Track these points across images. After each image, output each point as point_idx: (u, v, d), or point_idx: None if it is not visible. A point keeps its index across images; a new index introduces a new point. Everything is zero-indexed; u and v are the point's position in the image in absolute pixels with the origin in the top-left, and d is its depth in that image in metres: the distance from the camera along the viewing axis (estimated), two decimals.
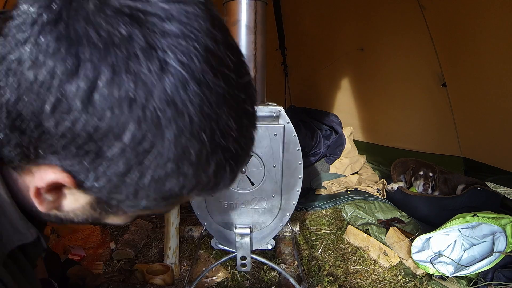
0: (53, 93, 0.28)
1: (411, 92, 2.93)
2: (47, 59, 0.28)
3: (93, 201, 0.38)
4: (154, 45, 0.28)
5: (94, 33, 0.27)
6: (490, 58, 2.15)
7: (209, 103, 0.30)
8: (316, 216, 2.45)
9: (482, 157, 2.55)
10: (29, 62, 0.28)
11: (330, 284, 1.65)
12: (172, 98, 0.29)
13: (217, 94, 0.31)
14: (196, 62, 0.29)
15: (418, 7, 2.45)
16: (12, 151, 0.34)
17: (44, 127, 0.30)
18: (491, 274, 1.66)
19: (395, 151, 3.15)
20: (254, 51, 1.38)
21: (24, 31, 0.29)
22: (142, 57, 0.28)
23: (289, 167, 1.43)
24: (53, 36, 0.28)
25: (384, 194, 2.65)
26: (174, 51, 0.28)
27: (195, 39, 0.29)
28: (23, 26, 0.29)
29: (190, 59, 0.29)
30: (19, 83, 0.29)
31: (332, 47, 3.50)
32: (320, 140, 3.14)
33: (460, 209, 2.13)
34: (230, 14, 1.37)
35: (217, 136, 0.32)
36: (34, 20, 0.28)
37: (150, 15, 0.28)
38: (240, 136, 0.34)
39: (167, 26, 0.28)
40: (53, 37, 0.28)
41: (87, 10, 0.27)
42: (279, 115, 1.37)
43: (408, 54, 2.80)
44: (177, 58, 0.28)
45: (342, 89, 3.60)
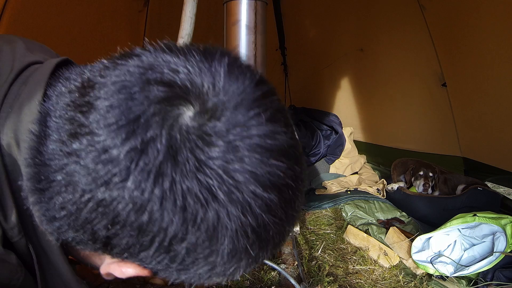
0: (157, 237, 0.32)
1: (411, 92, 2.93)
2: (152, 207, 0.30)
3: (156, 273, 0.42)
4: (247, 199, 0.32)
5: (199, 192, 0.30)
6: (490, 58, 2.15)
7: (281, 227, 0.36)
8: (316, 216, 2.45)
9: (482, 157, 2.55)
10: (129, 206, 0.30)
11: (330, 284, 1.65)
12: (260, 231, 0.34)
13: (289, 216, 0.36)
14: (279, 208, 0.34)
15: (418, 7, 2.45)
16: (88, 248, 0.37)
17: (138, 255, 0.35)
18: (491, 274, 1.66)
19: (395, 151, 3.15)
20: (254, 51, 1.38)
21: (115, 173, 0.30)
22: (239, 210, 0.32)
23: None
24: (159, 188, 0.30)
25: (384, 194, 2.65)
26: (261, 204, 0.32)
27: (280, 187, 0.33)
28: (111, 165, 0.30)
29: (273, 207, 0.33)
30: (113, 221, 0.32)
31: (332, 47, 3.50)
32: (320, 140, 3.14)
33: (460, 209, 2.13)
34: (230, 14, 1.37)
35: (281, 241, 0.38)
36: (127, 165, 0.30)
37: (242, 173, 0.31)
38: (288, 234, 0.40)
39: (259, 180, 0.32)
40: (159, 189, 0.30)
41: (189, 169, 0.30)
42: None
43: (408, 54, 2.80)
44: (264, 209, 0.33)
45: (342, 89, 3.60)
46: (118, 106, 0.30)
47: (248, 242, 0.34)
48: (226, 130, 0.30)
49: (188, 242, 0.32)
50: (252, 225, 0.33)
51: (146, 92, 0.30)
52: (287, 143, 0.34)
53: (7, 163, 0.39)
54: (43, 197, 0.35)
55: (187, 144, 0.30)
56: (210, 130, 0.30)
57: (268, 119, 0.32)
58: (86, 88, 0.34)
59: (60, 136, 0.33)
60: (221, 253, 0.34)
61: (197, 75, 0.32)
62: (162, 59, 0.33)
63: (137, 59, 0.33)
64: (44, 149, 0.34)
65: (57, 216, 0.35)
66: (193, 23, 1.24)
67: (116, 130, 0.30)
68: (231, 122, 0.31)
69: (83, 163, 0.31)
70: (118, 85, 0.31)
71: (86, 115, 0.31)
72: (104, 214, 0.32)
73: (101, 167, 0.30)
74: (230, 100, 0.32)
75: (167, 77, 0.31)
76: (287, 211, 0.35)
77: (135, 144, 0.29)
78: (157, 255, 0.34)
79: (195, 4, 1.41)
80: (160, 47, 0.35)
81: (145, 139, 0.29)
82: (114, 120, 0.30)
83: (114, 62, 0.34)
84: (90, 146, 0.30)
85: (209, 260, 0.35)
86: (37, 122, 0.37)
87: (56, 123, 0.34)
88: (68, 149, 0.32)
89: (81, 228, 0.34)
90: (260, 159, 0.31)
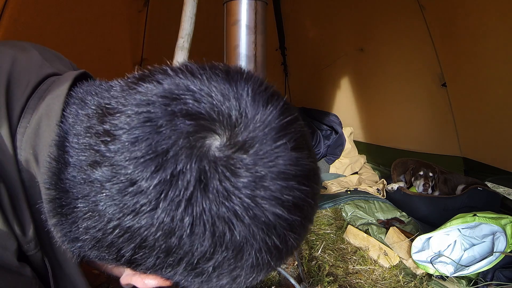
0: (185, 258, 0.33)
1: (411, 92, 2.93)
2: (181, 233, 0.32)
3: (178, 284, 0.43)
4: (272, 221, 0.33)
5: (226, 216, 0.32)
6: (490, 58, 2.15)
7: (300, 241, 0.38)
8: (316, 216, 2.45)
9: (482, 157, 2.55)
10: (159, 232, 0.31)
11: (330, 284, 1.65)
12: (282, 248, 0.36)
13: (307, 229, 0.39)
14: (301, 227, 0.36)
15: (418, 7, 2.45)
16: (110, 263, 0.38)
17: (162, 271, 0.36)
18: (491, 274, 1.66)
19: (395, 151, 3.15)
20: (254, 51, 1.38)
21: (144, 204, 0.31)
22: (265, 232, 0.33)
23: None
24: (188, 217, 0.31)
25: (384, 194, 2.65)
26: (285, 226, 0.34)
27: (302, 208, 0.35)
28: (139, 196, 0.31)
29: (296, 227, 0.35)
30: (140, 245, 0.33)
31: (332, 47, 3.50)
32: (320, 140, 3.14)
33: (460, 209, 2.13)
34: (230, 14, 1.37)
35: (296, 248, 0.40)
36: (157, 196, 0.30)
37: (267, 200, 0.32)
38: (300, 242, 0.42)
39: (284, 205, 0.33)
40: (188, 218, 0.31)
41: (218, 197, 0.31)
42: None
43: (408, 54, 2.80)
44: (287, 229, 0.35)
45: (342, 89, 3.60)
46: (144, 140, 0.31)
47: (271, 257, 0.36)
48: (253, 163, 0.32)
49: (215, 261, 0.34)
50: (275, 244, 0.35)
51: (173, 126, 0.31)
52: (309, 167, 0.35)
53: (25, 179, 0.39)
54: (66, 220, 0.35)
55: (216, 175, 0.31)
56: (238, 162, 0.31)
57: (293, 148, 0.34)
58: (106, 116, 0.34)
59: (80, 163, 0.34)
60: (245, 268, 0.36)
61: (222, 104, 0.33)
62: (185, 86, 0.33)
63: (158, 86, 0.33)
64: (64, 176, 0.35)
65: (80, 238, 0.35)
66: (193, 23, 1.25)
67: (143, 163, 0.30)
68: (258, 155, 0.32)
69: (108, 194, 0.31)
70: (142, 117, 0.31)
71: (108, 145, 0.32)
72: (131, 239, 0.32)
73: (129, 198, 0.31)
74: (258, 133, 0.33)
75: (192, 109, 0.32)
76: (306, 226, 0.38)
77: (165, 176, 0.30)
78: (183, 273, 0.35)
79: (195, 4, 1.41)
80: (181, 70, 0.35)
81: (175, 172, 0.30)
82: (140, 153, 0.30)
83: (133, 88, 0.34)
84: (114, 178, 0.31)
85: (233, 274, 0.36)
86: (55, 146, 0.37)
87: (75, 150, 0.34)
88: (90, 178, 0.32)
89: (106, 249, 0.35)
90: (285, 185, 0.33)
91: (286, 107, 0.36)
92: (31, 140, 0.39)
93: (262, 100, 0.34)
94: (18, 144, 0.39)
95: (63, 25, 2.02)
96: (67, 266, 0.42)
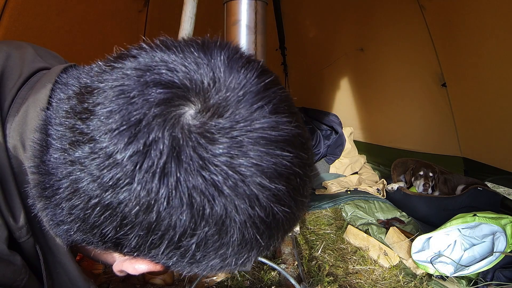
0: (167, 234, 0.32)
1: (411, 92, 2.93)
2: (159, 206, 0.31)
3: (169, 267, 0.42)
4: (254, 197, 0.32)
5: (205, 189, 0.31)
6: (490, 58, 2.15)
7: (291, 214, 0.36)
8: (316, 216, 2.45)
9: (482, 157, 2.54)
10: (136, 207, 0.31)
11: (330, 284, 1.65)
12: (269, 221, 0.34)
13: (298, 202, 0.36)
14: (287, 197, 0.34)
15: (418, 7, 2.45)
16: (99, 248, 0.38)
17: (149, 252, 0.35)
18: (491, 274, 1.66)
19: (395, 151, 3.15)
20: (255, 51, 1.38)
21: (120, 177, 0.30)
22: (247, 203, 0.32)
23: None
24: (165, 188, 0.30)
25: (384, 194, 2.65)
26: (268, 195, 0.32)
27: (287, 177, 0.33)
28: (116, 169, 0.30)
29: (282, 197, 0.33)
30: (121, 223, 0.32)
31: (332, 47, 3.50)
32: (320, 140, 3.14)
33: (460, 209, 2.13)
34: (230, 14, 1.37)
35: (291, 227, 0.38)
36: (132, 168, 0.30)
37: (247, 167, 0.31)
38: (298, 219, 0.40)
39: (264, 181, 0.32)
40: (164, 189, 0.30)
41: (194, 167, 0.30)
42: None
43: (408, 54, 2.80)
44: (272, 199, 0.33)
45: (342, 89, 3.60)
46: (118, 111, 0.30)
47: (258, 233, 0.34)
48: (229, 127, 0.31)
49: (197, 237, 0.33)
50: (260, 216, 0.33)
51: (145, 95, 0.30)
52: (292, 132, 0.33)
53: (14, 165, 0.40)
54: (50, 203, 0.35)
55: (190, 143, 0.30)
56: (213, 128, 0.30)
57: (271, 111, 0.32)
58: (85, 95, 0.34)
59: (62, 145, 0.33)
60: (231, 245, 0.34)
61: (196, 72, 0.32)
62: (159, 58, 0.33)
63: (133, 61, 0.33)
64: (47, 158, 0.35)
65: (65, 220, 0.35)
66: (193, 23, 1.25)
67: (118, 135, 0.30)
68: (234, 119, 0.31)
69: (87, 171, 0.31)
70: (116, 90, 0.31)
71: (86, 122, 0.32)
72: (112, 217, 0.32)
73: (106, 173, 0.30)
74: (232, 96, 0.32)
75: (165, 78, 0.31)
76: (296, 198, 0.35)
77: (138, 147, 0.29)
78: (167, 252, 0.34)
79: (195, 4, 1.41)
80: (156, 45, 0.35)
81: (148, 141, 0.29)
82: (115, 125, 0.30)
83: (110, 65, 0.34)
84: (93, 154, 0.31)
85: (220, 252, 0.35)
86: (38, 131, 0.37)
87: (57, 131, 0.35)
88: (71, 158, 0.32)
89: (90, 231, 0.34)
90: (265, 151, 0.31)
91: (263, 70, 0.35)
92: (18, 127, 0.40)
93: (237, 65, 0.33)
94: (7, 132, 0.40)
95: (63, 25, 2.02)
96: (58, 252, 0.42)
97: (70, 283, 0.45)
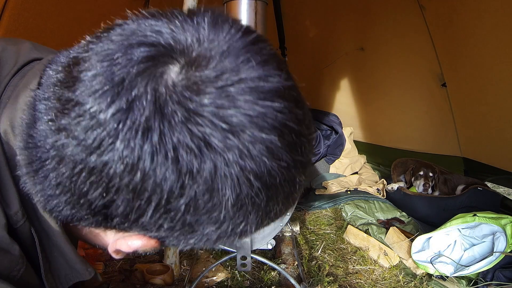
0: (153, 197, 0.31)
1: (411, 92, 2.93)
2: (144, 165, 0.30)
3: (164, 242, 0.41)
4: (248, 152, 0.31)
5: (191, 143, 0.29)
6: (490, 58, 2.15)
7: (288, 172, 0.34)
8: (316, 216, 2.45)
9: (482, 157, 2.55)
10: (121, 168, 0.30)
11: (330, 284, 1.65)
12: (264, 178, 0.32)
13: (296, 162, 0.34)
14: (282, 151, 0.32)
15: (418, 7, 2.45)
16: (89, 225, 0.37)
17: (138, 221, 0.34)
18: (491, 274, 1.66)
19: (395, 151, 3.15)
20: None
21: (104, 137, 0.29)
22: (238, 163, 0.31)
23: None
24: (148, 144, 0.29)
25: (384, 194, 2.65)
26: (260, 148, 0.31)
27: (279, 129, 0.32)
28: (99, 130, 0.29)
29: (275, 150, 0.32)
30: (107, 187, 0.31)
31: (332, 47, 3.50)
32: (320, 140, 3.14)
33: (460, 209, 2.13)
34: (230, 14, 1.36)
35: (292, 191, 0.36)
36: (115, 126, 0.29)
37: (243, 126, 0.30)
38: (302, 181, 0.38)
39: (257, 132, 0.31)
40: (148, 145, 0.29)
41: (178, 120, 0.29)
42: None
43: (408, 54, 2.80)
44: (264, 153, 0.31)
45: (342, 89, 3.60)
46: (102, 74, 0.30)
47: (253, 191, 0.32)
48: (215, 76, 0.30)
49: (186, 197, 0.31)
50: (253, 171, 0.31)
51: (128, 55, 0.30)
52: (283, 85, 0.32)
53: (6, 150, 0.40)
54: (38, 177, 0.35)
55: (174, 96, 0.29)
56: (198, 79, 0.30)
57: (258, 63, 0.31)
58: (72, 66, 0.33)
59: (49, 116, 0.33)
60: (224, 205, 0.32)
61: (181, 33, 0.32)
62: (145, 24, 0.32)
63: (119, 29, 0.33)
64: (34, 132, 0.34)
65: (53, 194, 0.34)
66: None
67: (102, 95, 0.29)
68: (219, 69, 0.30)
69: (72, 135, 0.31)
70: (101, 54, 0.31)
71: (72, 89, 0.31)
72: (98, 182, 0.31)
73: (90, 135, 0.30)
74: (216, 48, 0.31)
75: (150, 39, 0.31)
76: (293, 156, 0.33)
77: (121, 105, 0.29)
78: (157, 217, 0.33)
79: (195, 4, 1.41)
80: (143, 14, 0.35)
81: (130, 98, 0.29)
82: (99, 86, 0.30)
83: (97, 36, 0.34)
84: (78, 117, 0.30)
85: (213, 215, 0.33)
86: (27, 108, 0.37)
87: (45, 105, 0.34)
88: (58, 125, 0.32)
89: (78, 201, 0.33)
90: (254, 101, 0.30)
91: (248, 29, 0.34)
92: (9, 112, 0.40)
93: (222, 24, 0.33)
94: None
95: (63, 25, 2.02)
96: (53, 235, 0.42)
97: (68, 266, 0.44)
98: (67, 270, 0.44)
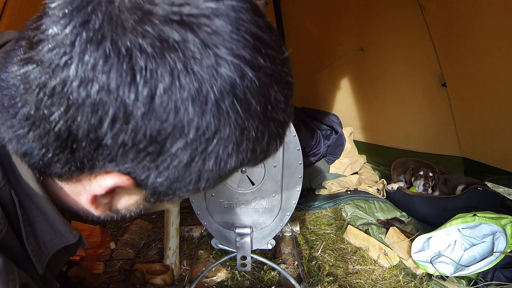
0: (110, 107, 0.30)
1: (411, 92, 2.93)
2: (98, 75, 0.29)
3: (148, 195, 0.39)
4: (208, 43, 0.29)
5: (144, 43, 0.28)
6: (490, 58, 2.15)
7: (262, 85, 0.32)
8: (316, 216, 2.45)
9: (482, 157, 2.55)
10: (77, 81, 0.29)
11: (330, 284, 1.65)
12: (231, 88, 0.30)
13: (268, 74, 0.32)
14: (248, 51, 0.30)
15: (418, 7, 2.45)
16: (62, 168, 0.35)
17: (101, 141, 0.32)
18: (491, 274, 1.66)
19: (395, 151, 3.15)
20: None
21: (62, 54, 0.29)
22: (198, 57, 0.29)
23: (289, 167, 1.43)
24: (101, 52, 0.29)
25: (384, 194, 2.65)
26: (227, 46, 0.29)
27: (244, 31, 0.30)
28: (59, 49, 0.29)
29: (242, 50, 0.30)
30: (68, 105, 0.30)
31: (332, 47, 3.50)
32: (320, 140, 3.14)
33: (460, 209, 2.13)
34: None
35: (269, 111, 0.34)
36: (72, 41, 0.29)
37: (198, 16, 0.29)
38: (286, 106, 0.36)
39: (217, 23, 0.29)
40: (101, 54, 0.29)
41: (131, 23, 0.29)
42: None
43: (408, 54, 2.80)
44: (231, 52, 0.30)
45: (342, 89, 3.60)
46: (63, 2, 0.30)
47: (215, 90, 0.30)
48: None
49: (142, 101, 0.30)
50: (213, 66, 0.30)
51: None
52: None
53: None
54: (8, 116, 0.34)
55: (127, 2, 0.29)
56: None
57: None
58: (41, 17, 0.34)
59: (18, 54, 0.33)
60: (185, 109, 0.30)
61: None
62: None
63: None
64: (4, 75, 0.34)
65: (23, 133, 0.34)
66: None
67: (63, 17, 0.30)
68: None
69: (36, 61, 0.31)
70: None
71: (40, 27, 0.32)
72: (58, 102, 0.30)
73: (50, 55, 0.30)
74: None
75: None
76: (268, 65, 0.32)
77: (79, 21, 0.29)
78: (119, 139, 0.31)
79: None
80: None
81: (86, 13, 0.29)
82: (61, 13, 0.30)
83: None
84: (42, 43, 0.31)
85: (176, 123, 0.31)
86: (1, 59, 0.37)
87: (15, 50, 0.34)
88: (25, 58, 0.32)
89: (44, 134, 0.33)
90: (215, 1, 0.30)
91: None
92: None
93: None
94: None
95: None
96: (35, 196, 0.40)
97: (52, 230, 0.43)
98: (52, 235, 0.43)
